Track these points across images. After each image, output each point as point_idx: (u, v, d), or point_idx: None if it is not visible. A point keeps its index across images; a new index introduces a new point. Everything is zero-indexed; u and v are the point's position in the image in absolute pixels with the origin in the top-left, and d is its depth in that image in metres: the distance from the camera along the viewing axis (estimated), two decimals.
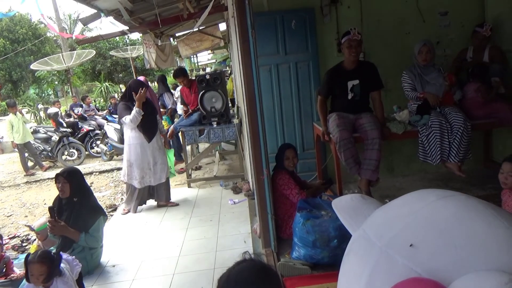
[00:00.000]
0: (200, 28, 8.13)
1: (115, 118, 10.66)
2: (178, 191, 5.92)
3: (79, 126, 10.50)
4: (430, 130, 3.75)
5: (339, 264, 2.48)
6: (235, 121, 5.85)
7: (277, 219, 3.42)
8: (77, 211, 3.67)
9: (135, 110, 4.81)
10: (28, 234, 5.61)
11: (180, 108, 7.20)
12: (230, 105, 6.35)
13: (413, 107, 4.03)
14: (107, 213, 5.90)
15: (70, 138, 9.73)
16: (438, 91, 3.90)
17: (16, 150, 9.16)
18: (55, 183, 3.72)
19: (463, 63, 4.44)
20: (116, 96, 16.03)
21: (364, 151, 3.78)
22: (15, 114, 8.89)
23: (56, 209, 3.66)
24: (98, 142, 10.00)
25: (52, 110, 10.98)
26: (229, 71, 8.14)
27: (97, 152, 9.96)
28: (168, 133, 6.57)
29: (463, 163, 3.80)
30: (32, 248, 4.46)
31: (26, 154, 9.32)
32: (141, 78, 7.08)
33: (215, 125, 5.76)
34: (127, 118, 4.86)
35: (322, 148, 4.81)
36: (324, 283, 2.74)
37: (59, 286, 2.71)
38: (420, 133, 3.82)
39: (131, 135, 4.98)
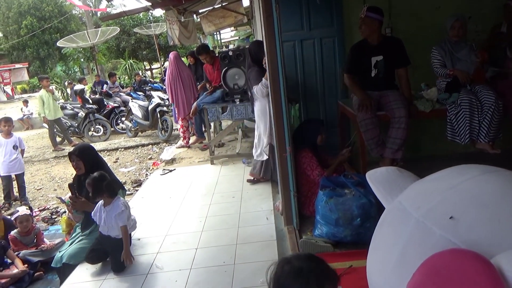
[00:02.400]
0: (223, 4, 8.02)
1: (139, 95, 10.78)
2: (201, 168, 5.98)
3: (105, 103, 10.68)
4: (459, 108, 3.63)
5: (362, 243, 2.48)
6: None
7: (299, 196, 3.42)
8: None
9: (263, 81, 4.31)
10: (57, 207, 5.81)
11: None
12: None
13: (442, 84, 3.90)
14: (132, 188, 6.07)
15: (96, 114, 9.92)
16: (468, 68, 3.75)
17: (45, 125, 9.42)
18: (70, 161, 3.78)
19: (498, 38, 4.24)
20: (140, 73, 16.15)
21: (389, 129, 3.71)
22: (46, 90, 9.11)
23: (76, 186, 3.74)
24: (123, 118, 10.16)
25: (78, 87, 11.18)
26: None
27: (122, 129, 10.13)
28: (191, 110, 6.61)
29: (494, 143, 3.68)
30: (62, 220, 4.62)
31: (55, 130, 9.57)
32: (173, 53, 7.10)
33: (237, 103, 5.74)
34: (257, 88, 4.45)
35: (346, 126, 4.74)
36: (346, 261, 2.73)
37: (114, 209, 3.23)
38: (448, 111, 3.71)
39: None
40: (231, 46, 18.19)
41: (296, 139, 3.67)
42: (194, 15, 8.80)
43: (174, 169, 5.97)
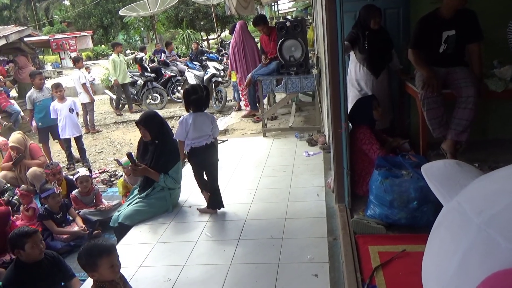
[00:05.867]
0: None
1: (195, 65, 10.89)
2: (253, 140, 5.98)
3: (162, 71, 10.91)
4: None
5: (417, 227, 2.33)
6: (314, 71, 5.65)
7: (353, 174, 3.31)
8: (158, 152, 3.87)
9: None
10: (116, 170, 6.09)
11: None
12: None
13: None
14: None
15: (154, 83, 10.17)
16: None
17: (107, 92, 9.83)
18: (138, 128, 3.93)
19: None
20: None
21: (454, 109, 3.46)
22: (118, 55, 9.48)
23: (142, 151, 3.92)
24: (179, 88, 10.35)
25: (139, 55, 11.50)
26: (310, 21, 7.79)
27: (178, 98, 10.33)
28: (246, 82, 6.57)
29: None
30: (119, 183, 4.83)
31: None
32: (240, 22, 7.07)
33: (293, 75, 5.62)
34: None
35: (406, 104, 4.50)
36: (399, 244, 2.63)
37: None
38: None
39: None
40: (288, 18, 17.81)
41: (353, 116, 3.54)
42: None
43: (227, 140, 6.02)
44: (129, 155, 3.89)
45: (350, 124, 3.46)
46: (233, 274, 2.84)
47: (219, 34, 17.46)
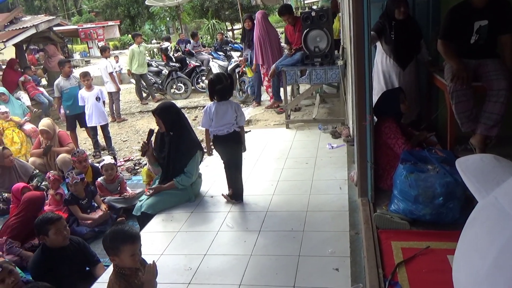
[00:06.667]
0: None
1: (220, 55, 10.90)
2: (276, 131, 5.95)
3: (187, 61, 10.96)
4: None
5: (443, 223, 2.26)
6: (340, 62, 5.55)
7: (377, 168, 3.25)
8: (175, 145, 3.88)
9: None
10: (140, 159, 6.18)
11: None
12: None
13: None
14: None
15: (178, 72, 10.24)
16: None
17: (133, 81, 9.98)
18: (154, 118, 3.95)
19: None
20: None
21: (485, 102, 3.34)
22: (138, 46, 9.61)
23: (159, 143, 3.95)
24: (203, 78, 10.38)
25: (164, 45, 11.59)
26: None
27: (202, 88, 10.37)
28: (270, 72, 6.53)
29: None
30: (143, 171, 4.90)
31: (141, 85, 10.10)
32: (261, 12, 7.03)
33: (317, 66, 5.54)
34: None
35: (434, 96, 4.38)
36: (423, 241, 2.57)
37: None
38: None
39: None
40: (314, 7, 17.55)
41: (379, 109, 3.46)
42: None
43: (249, 131, 6.01)
44: (150, 132, 3.96)
45: (375, 117, 3.39)
46: (254, 265, 2.85)
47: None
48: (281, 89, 6.51)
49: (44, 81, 11.23)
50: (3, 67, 11.47)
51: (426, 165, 2.89)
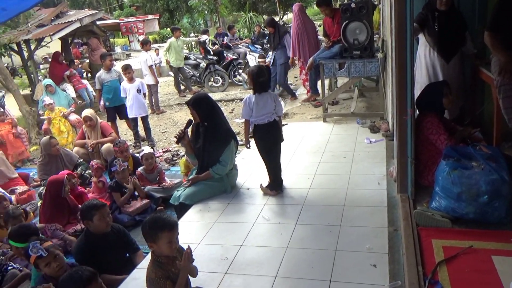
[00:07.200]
0: None
1: (256, 48, 10.90)
2: (313, 124, 5.90)
3: (224, 54, 11.04)
4: None
5: (487, 223, 2.18)
6: (379, 55, 5.43)
7: (417, 164, 3.16)
8: (209, 136, 3.93)
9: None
10: (178, 150, 6.30)
11: None
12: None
13: None
14: (244, 139, 6.27)
15: (216, 65, 10.33)
16: None
17: (170, 73, 10.17)
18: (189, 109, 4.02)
19: None
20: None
21: None
22: (177, 40, 9.80)
23: (195, 133, 4.03)
24: (240, 71, 10.43)
25: (202, 38, 11.72)
26: (376, 2, 7.46)
27: (239, 81, 10.42)
28: (307, 65, 6.47)
29: None
30: (181, 162, 4.99)
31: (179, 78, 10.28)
32: (297, 5, 6.98)
33: (356, 59, 5.44)
34: None
35: (479, 90, 4.20)
36: (466, 240, 2.48)
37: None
38: None
39: None
40: None
41: (421, 103, 3.36)
42: None
43: (286, 124, 5.99)
44: (188, 121, 4.05)
45: (416, 111, 3.29)
46: (289, 257, 2.85)
47: (281, 17, 17.28)
48: (319, 83, 6.46)
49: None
50: (49, 60, 11.98)
51: (470, 162, 2.79)
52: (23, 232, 3.35)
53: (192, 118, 4.05)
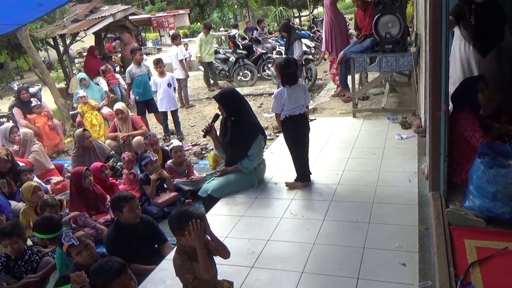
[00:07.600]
0: None
1: None
2: (342, 120, 5.83)
3: (253, 48, 11.03)
4: None
5: None
6: (412, 49, 5.28)
7: (451, 161, 3.07)
8: (236, 131, 3.94)
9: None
10: (207, 144, 6.36)
11: None
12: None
13: None
14: (273, 134, 6.27)
15: (245, 60, 10.33)
16: None
17: (201, 68, 10.27)
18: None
19: None
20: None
21: None
22: (206, 35, 9.87)
23: (223, 127, 4.07)
24: (269, 65, 10.39)
25: (232, 32, 11.75)
26: None
27: (268, 75, 10.39)
28: (338, 59, 6.37)
29: None
30: (209, 156, 5.04)
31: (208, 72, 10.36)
32: None
33: (388, 53, 5.32)
34: None
35: None
36: (501, 241, 2.40)
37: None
38: None
39: None
40: None
41: (455, 98, 3.25)
42: None
43: (315, 119, 5.93)
44: (215, 115, 4.12)
45: (450, 106, 3.19)
46: (316, 253, 2.84)
47: (311, 11, 17.10)
48: (349, 77, 6.36)
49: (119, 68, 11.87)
50: (84, 54, 12.30)
51: (507, 160, 2.69)
52: (46, 223, 3.46)
53: (219, 112, 4.07)
